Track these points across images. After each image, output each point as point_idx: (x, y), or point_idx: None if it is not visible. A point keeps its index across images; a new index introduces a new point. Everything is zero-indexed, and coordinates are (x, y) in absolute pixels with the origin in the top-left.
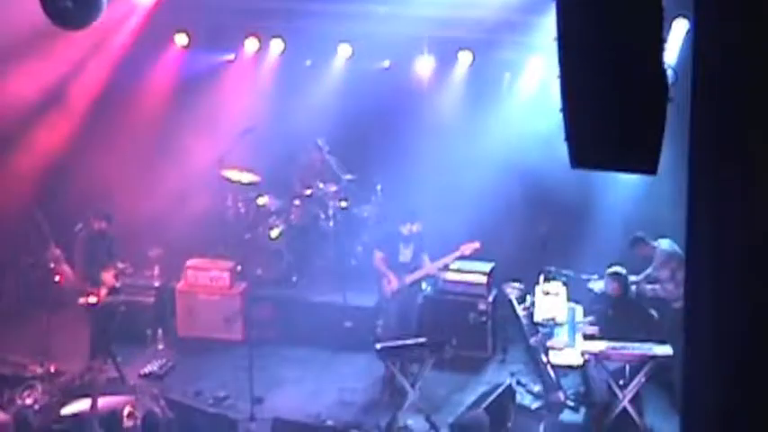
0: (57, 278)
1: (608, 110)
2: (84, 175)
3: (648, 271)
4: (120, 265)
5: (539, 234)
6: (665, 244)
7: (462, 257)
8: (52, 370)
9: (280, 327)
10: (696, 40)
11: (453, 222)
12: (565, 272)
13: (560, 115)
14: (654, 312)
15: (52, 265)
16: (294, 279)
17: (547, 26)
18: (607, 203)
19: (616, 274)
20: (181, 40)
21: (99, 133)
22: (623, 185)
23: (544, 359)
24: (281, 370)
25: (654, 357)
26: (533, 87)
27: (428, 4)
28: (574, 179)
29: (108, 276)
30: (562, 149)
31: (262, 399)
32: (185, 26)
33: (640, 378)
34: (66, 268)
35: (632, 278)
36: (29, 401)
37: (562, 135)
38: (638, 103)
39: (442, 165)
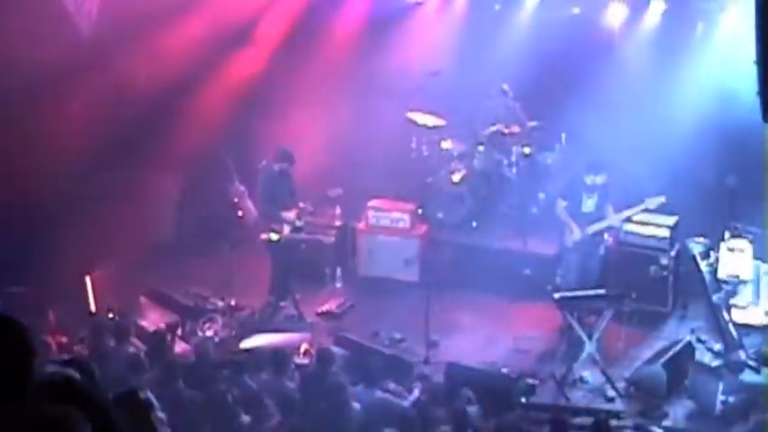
0: (239, 213)
1: None
2: (268, 113)
3: None
4: (302, 205)
5: (726, 188)
6: None
7: (647, 211)
8: (232, 304)
9: (458, 271)
10: None
11: (638, 173)
12: (751, 228)
13: (754, 67)
14: None
15: (236, 201)
16: (474, 224)
17: None
18: None
19: None
20: None
21: (284, 73)
22: None
23: (726, 317)
24: (457, 315)
25: None
26: (727, 38)
27: None
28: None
29: (290, 214)
30: (753, 101)
31: (437, 342)
32: None
33: None
34: (249, 204)
35: None
36: (209, 333)
37: (754, 87)
38: None
39: (628, 115)
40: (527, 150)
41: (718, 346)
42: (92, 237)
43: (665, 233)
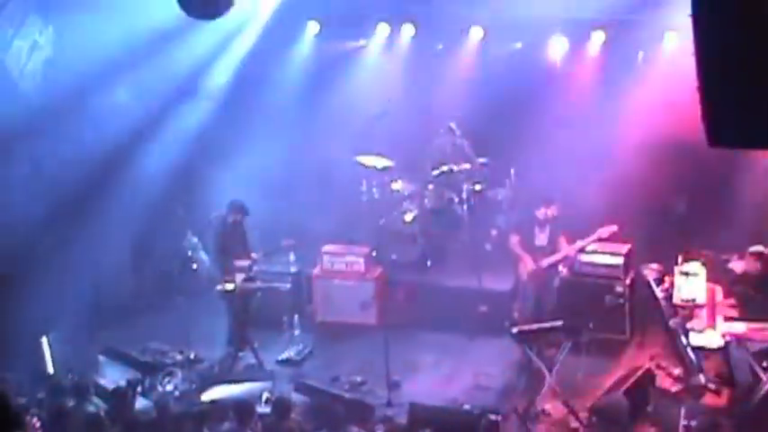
0: (194, 266)
1: (747, 86)
2: (217, 163)
3: None
4: (254, 255)
5: (677, 213)
6: None
7: (599, 240)
8: (192, 357)
9: (415, 311)
10: None
11: (590, 203)
12: (704, 252)
13: (696, 92)
14: None
15: (190, 254)
16: (429, 263)
17: (680, 2)
18: (747, 179)
19: (758, 253)
20: (312, 28)
21: (234, 123)
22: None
23: (684, 341)
24: (417, 355)
25: None
26: (668, 65)
27: None
28: (712, 155)
29: (243, 264)
30: (699, 126)
31: (398, 383)
32: (317, 14)
33: None
34: (203, 256)
35: None
36: (169, 388)
37: (698, 112)
38: None
39: (576, 145)
40: (477, 187)
41: (677, 371)
42: (46, 297)
43: (619, 261)
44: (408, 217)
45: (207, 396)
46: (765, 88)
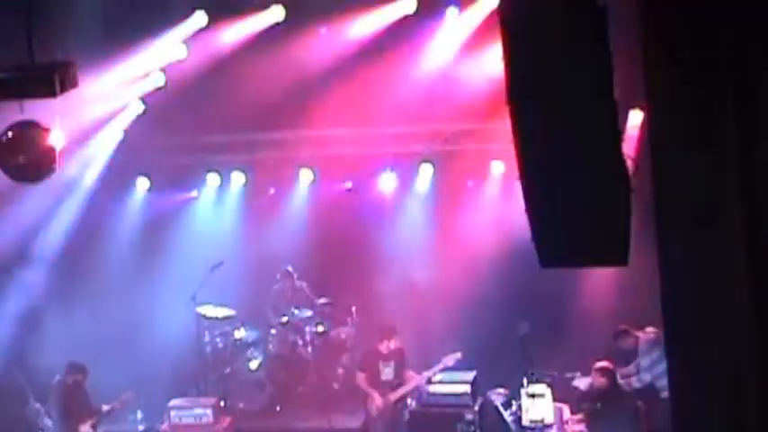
0: None
1: (571, 206)
2: (58, 326)
3: (638, 361)
4: (106, 407)
5: (519, 336)
6: (648, 331)
7: (445, 369)
8: None
9: None
10: (651, 130)
11: (432, 333)
12: (548, 372)
13: (525, 216)
14: (641, 404)
15: (33, 421)
16: (278, 408)
17: (504, 131)
18: (583, 297)
19: (604, 368)
20: (142, 184)
21: (69, 283)
22: (601, 277)
23: None
24: None
25: None
26: (497, 191)
27: (386, 122)
28: (549, 276)
29: (85, 427)
30: (531, 248)
31: None
32: (146, 170)
33: None
34: (47, 422)
35: (625, 370)
36: None
37: (529, 235)
38: (602, 197)
39: (414, 277)
40: (320, 328)
41: None
42: None
43: (466, 389)
44: (254, 364)
45: None
46: (584, 210)
